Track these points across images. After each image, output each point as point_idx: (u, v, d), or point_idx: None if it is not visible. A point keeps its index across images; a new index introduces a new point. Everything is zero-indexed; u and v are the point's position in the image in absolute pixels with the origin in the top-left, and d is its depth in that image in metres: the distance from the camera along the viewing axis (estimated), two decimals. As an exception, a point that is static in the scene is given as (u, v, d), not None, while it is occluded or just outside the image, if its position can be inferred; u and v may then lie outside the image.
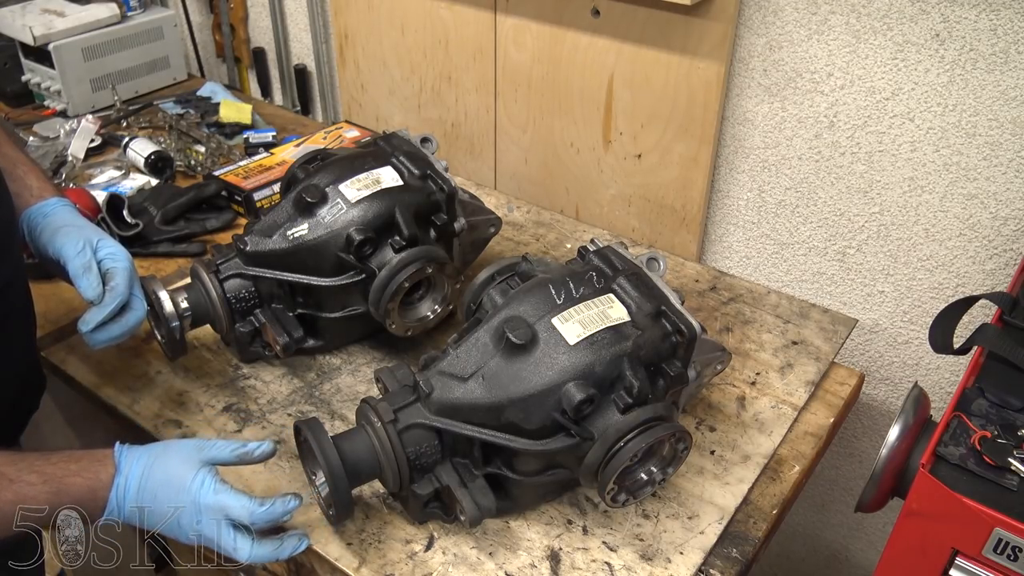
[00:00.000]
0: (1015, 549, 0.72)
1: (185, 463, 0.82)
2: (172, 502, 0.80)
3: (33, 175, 0.99)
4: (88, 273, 0.92)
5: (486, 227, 1.26)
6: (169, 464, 0.82)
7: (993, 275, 1.21)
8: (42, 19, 1.76)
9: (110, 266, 0.95)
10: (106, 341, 0.95)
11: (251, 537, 0.81)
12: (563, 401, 0.85)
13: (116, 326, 0.95)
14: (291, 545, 0.84)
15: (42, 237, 0.95)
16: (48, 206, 0.97)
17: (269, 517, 0.81)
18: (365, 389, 1.14)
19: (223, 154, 1.66)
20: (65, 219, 0.96)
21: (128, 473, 0.80)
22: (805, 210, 1.34)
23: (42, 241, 0.95)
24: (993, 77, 1.09)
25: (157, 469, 0.81)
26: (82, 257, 0.93)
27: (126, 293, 0.95)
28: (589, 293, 0.92)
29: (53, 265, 0.95)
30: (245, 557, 0.81)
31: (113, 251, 0.96)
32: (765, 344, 1.24)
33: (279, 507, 0.81)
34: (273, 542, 0.83)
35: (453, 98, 1.64)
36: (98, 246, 0.95)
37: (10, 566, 0.93)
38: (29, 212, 0.96)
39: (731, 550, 0.95)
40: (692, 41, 1.28)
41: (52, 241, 0.94)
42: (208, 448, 0.84)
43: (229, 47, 2.03)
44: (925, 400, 0.92)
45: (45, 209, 0.97)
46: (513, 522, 0.97)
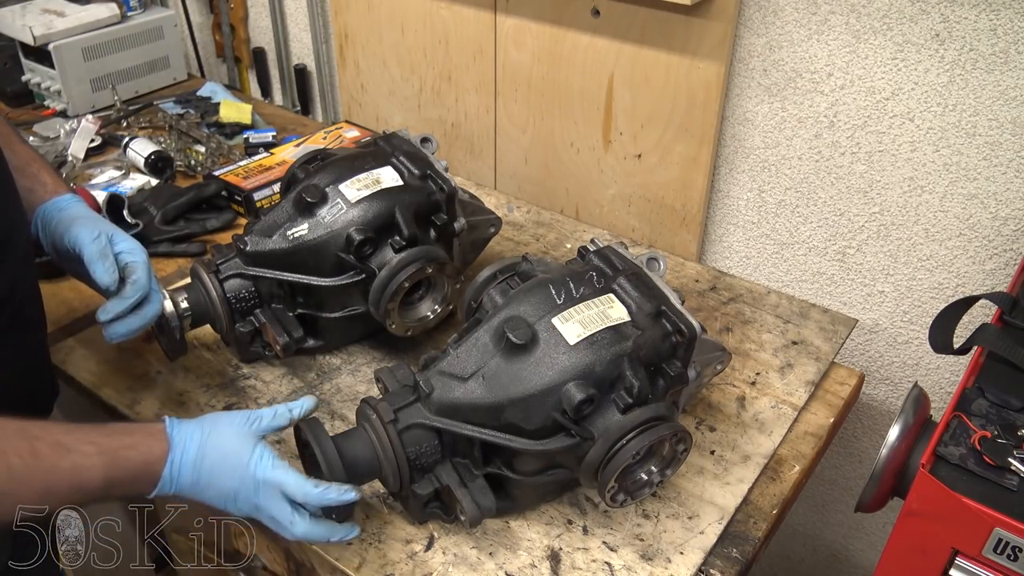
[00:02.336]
0: (1015, 549, 0.72)
1: (240, 438, 0.84)
2: (231, 477, 0.82)
3: (46, 172, 1.00)
4: (104, 259, 0.93)
5: (486, 227, 1.26)
6: (223, 439, 0.83)
7: (993, 275, 1.21)
8: (42, 19, 1.77)
9: (129, 260, 0.96)
10: (125, 334, 0.96)
11: (307, 514, 0.83)
12: (563, 401, 0.85)
13: (136, 318, 0.96)
14: (344, 530, 0.86)
15: (57, 229, 0.96)
16: (63, 201, 0.98)
17: (321, 500, 0.83)
18: (365, 389, 1.14)
19: (223, 154, 1.66)
20: (81, 212, 0.97)
21: (184, 448, 0.81)
22: (805, 210, 1.34)
23: (57, 233, 0.96)
24: (993, 77, 1.09)
25: (212, 445, 0.82)
26: (98, 244, 0.93)
27: (147, 286, 0.96)
28: (589, 293, 0.92)
29: (66, 257, 0.96)
30: (300, 532, 0.83)
31: (131, 246, 0.97)
32: (765, 344, 1.24)
33: (333, 493, 0.83)
34: (326, 524, 0.85)
35: (453, 98, 1.64)
36: (113, 239, 0.96)
37: (11, 566, 0.92)
38: (44, 207, 0.97)
39: (731, 550, 0.95)
40: (692, 41, 1.28)
41: (68, 231, 0.95)
42: (257, 420, 0.86)
43: (229, 47, 2.03)
44: (925, 400, 0.92)
45: (60, 204, 0.98)
46: (513, 522, 0.97)
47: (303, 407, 0.89)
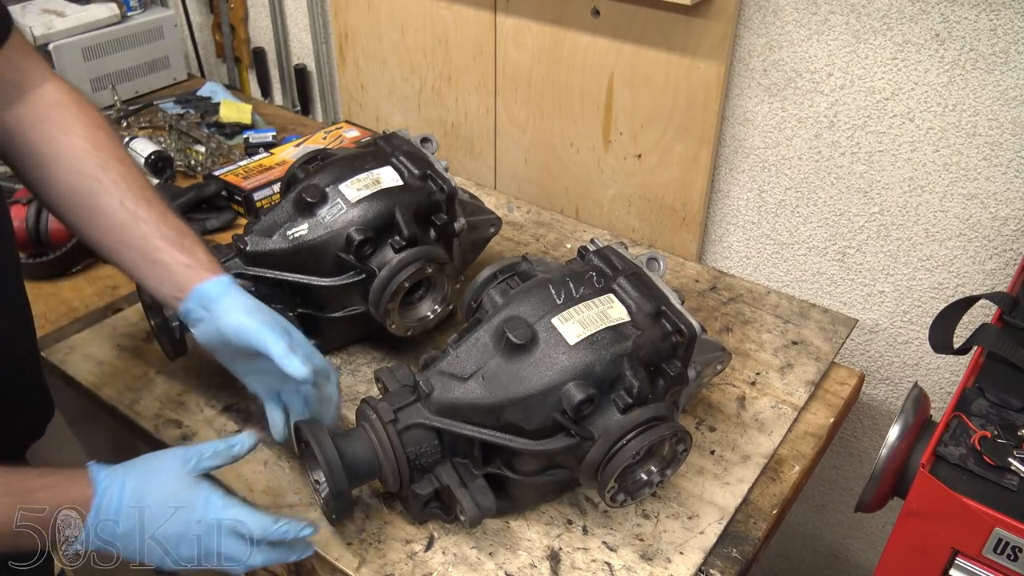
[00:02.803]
0: (1015, 549, 0.72)
1: (180, 479, 0.79)
2: (175, 522, 0.77)
3: (201, 248, 0.92)
4: (295, 353, 0.87)
5: (486, 227, 1.26)
6: (163, 483, 0.78)
7: (993, 275, 1.21)
8: (42, 19, 1.77)
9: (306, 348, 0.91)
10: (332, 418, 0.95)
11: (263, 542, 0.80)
12: (563, 401, 0.85)
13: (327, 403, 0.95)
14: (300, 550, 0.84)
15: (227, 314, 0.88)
16: (224, 283, 0.90)
17: (282, 536, 0.80)
18: (365, 389, 1.14)
19: (223, 154, 1.66)
20: (251, 302, 0.90)
21: (113, 494, 0.76)
22: (805, 210, 1.34)
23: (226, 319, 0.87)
24: (993, 77, 1.09)
25: (150, 489, 0.77)
26: (285, 339, 0.87)
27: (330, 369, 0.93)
28: (589, 293, 0.92)
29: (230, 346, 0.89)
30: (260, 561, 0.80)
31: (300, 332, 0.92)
32: (765, 344, 1.24)
33: (293, 531, 0.80)
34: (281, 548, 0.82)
35: (453, 98, 1.64)
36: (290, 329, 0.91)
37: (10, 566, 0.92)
38: (202, 288, 0.88)
39: (731, 550, 0.95)
40: (692, 41, 1.28)
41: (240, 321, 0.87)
42: (195, 458, 0.80)
43: (229, 47, 2.03)
44: (925, 400, 0.92)
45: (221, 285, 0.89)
46: (513, 522, 0.97)
47: (244, 445, 0.83)
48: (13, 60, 0.89)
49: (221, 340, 0.89)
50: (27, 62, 0.91)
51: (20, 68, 0.90)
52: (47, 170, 0.91)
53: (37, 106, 0.91)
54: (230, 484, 1.00)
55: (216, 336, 0.89)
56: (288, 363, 0.85)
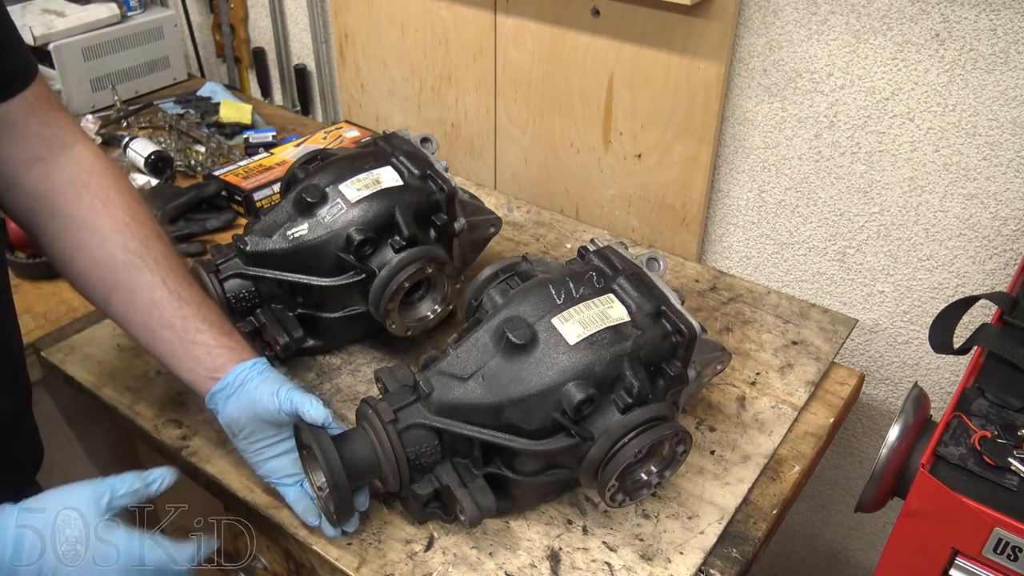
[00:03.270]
0: (1015, 549, 0.72)
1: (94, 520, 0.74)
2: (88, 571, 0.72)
3: (238, 333, 0.93)
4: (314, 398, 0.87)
5: (486, 227, 1.26)
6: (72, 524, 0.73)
7: (993, 275, 1.21)
8: (42, 19, 1.76)
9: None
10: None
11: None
12: (563, 401, 0.85)
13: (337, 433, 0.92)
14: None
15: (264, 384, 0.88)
16: (266, 363, 0.91)
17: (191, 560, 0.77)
18: (365, 389, 1.14)
19: (223, 154, 1.66)
20: (281, 377, 0.91)
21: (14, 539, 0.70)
22: (805, 210, 1.34)
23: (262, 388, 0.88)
24: (993, 77, 1.09)
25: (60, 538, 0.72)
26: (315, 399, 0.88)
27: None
28: (589, 293, 0.92)
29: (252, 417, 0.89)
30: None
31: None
32: (765, 344, 1.24)
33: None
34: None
35: (453, 98, 1.64)
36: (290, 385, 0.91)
37: None
38: (246, 364, 0.89)
39: (731, 550, 0.95)
40: (692, 41, 1.28)
41: (275, 387, 0.88)
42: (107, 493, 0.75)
43: (229, 47, 2.03)
44: (925, 400, 0.92)
45: (265, 362, 0.91)
46: (513, 522, 0.97)
47: (163, 481, 0.78)
48: (40, 112, 0.85)
49: (252, 412, 0.88)
50: (57, 117, 0.87)
51: (49, 123, 0.86)
52: (78, 239, 0.87)
53: (71, 170, 0.87)
54: (230, 485, 1.00)
55: (247, 408, 0.88)
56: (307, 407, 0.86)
